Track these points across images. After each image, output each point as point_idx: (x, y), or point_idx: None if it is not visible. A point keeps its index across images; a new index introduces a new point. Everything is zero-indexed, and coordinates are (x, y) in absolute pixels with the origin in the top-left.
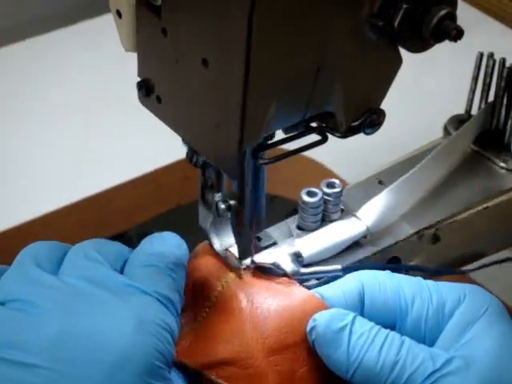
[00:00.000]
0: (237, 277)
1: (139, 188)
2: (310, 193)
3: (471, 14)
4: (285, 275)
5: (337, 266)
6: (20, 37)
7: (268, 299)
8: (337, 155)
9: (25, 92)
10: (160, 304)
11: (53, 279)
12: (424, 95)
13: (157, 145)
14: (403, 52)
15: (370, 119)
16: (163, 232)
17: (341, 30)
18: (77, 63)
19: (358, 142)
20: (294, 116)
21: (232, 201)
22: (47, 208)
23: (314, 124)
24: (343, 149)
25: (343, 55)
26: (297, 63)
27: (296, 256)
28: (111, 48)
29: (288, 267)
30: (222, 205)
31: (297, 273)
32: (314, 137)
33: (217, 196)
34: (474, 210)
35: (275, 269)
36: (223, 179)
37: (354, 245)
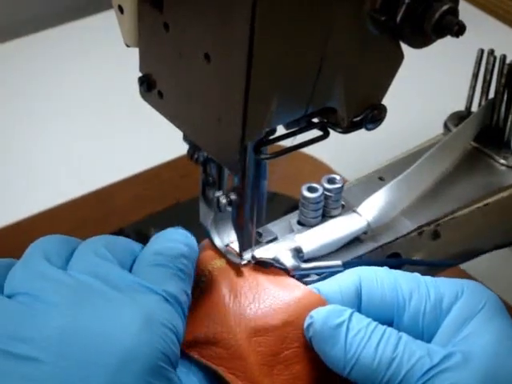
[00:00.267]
0: (225, 263)
1: (138, 185)
2: (311, 188)
3: (471, 12)
4: (285, 270)
5: (337, 262)
6: (20, 34)
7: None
8: (337, 152)
9: (26, 88)
10: (167, 304)
11: (61, 274)
12: (424, 92)
13: (156, 141)
14: (404, 49)
15: (372, 115)
16: (174, 228)
17: (343, 25)
18: (78, 59)
19: (358, 139)
20: (296, 111)
21: (233, 195)
22: (46, 205)
23: (316, 119)
24: (343, 146)
25: (345, 50)
26: (299, 58)
27: (296, 251)
28: (113, 44)
29: (288, 262)
30: (224, 199)
31: (297, 268)
32: (315, 133)
33: (217, 193)
34: (475, 207)
35: (275, 264)
36: (224, 176)
37: (355, 240)
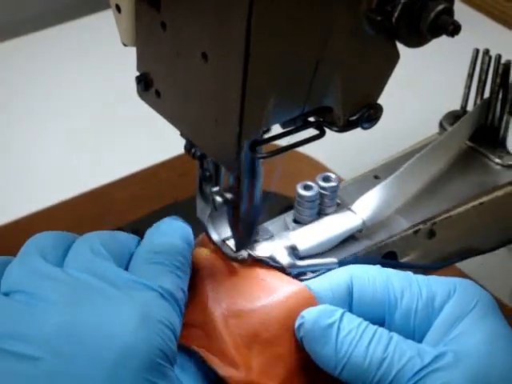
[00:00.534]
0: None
1: (136, 184)
2: (306, 186)
3: (466, 12)
4: (281, 268)
5: (333, 260)
6: (19, 33)
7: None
8: (333, 151)
9: (23, 88)
10: (164, 300)
11: (57, 271)
12: (420, 91)
13: (153, 141)
14: (399, 48)
15: (368, 114)
16: (171, 219)
17: (339, 25)
18: (75, 59)
19: (354, 138)
20: (293, 110)
21: (228, 194)
22: (44, 203)
23: (312, 119)
24: (339, 145)
25: (342, 50)
26: (296, 58)
27: (292, 249)
28: (110, 43)
29: (284, 260)
30: (219, 198)
31: (293, 266)
32: (311, 132)
33: (214, 189)
34: (470, 206)
35: (271, 262)
36: (221, 171)
37: (350, 238)
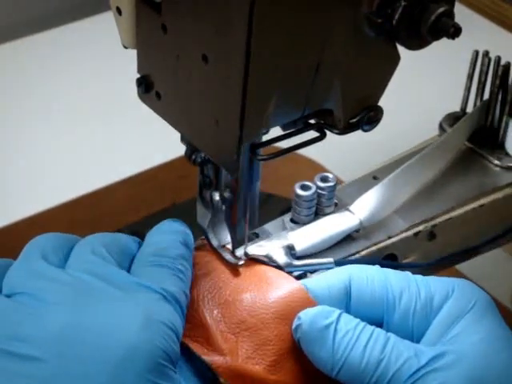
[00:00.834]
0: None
1: (135, 186)
2: (304, 186)
3: (466, 15)
4: (277, 267)
5: (329, 259)
6: (20, 35)
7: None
8: (332, 154)
9: (23, 90)
10: (166, 302)
11: (59, 273)
12: (420, 93)
13: (153, 143)
14: (400, 50)
15: (368, 116)
16: (171, 222)
17: (340, 28)
18: (75, 61)
19: (354, 141)
20: (294, 112)
21: (226, 193)
22: (43, 205)
23: (313, 121)
24: (338, 147)
25: (342, 53)
26: (296, 60)
27: (289, 249)
28: (110, 45)
29: (280, 259)
30: (217, 197)
31: (289, 265)
32: (312, 134)
33: (215, 195)
34: (470, 208)
35: (268, 261)
36: (221, 177)
37: (347, 238)
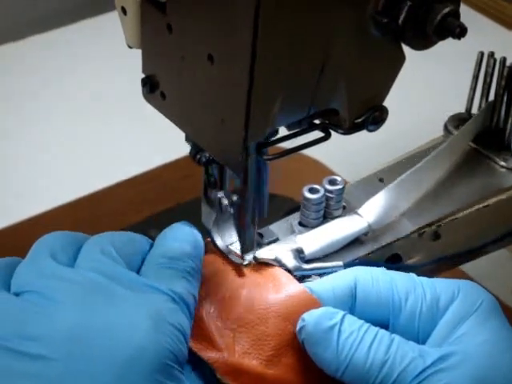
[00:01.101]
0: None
1: (139, 186)
2: (312, 189)
3: (471, 15)
4: (287, 271)
5: (339, 263)
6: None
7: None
8: (337, 154)
9: (25, 90)
10: (175, 304)
11: (68, 272)
12: (425, 94)
13: (156, 143)
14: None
15: (373, 116)
16: (181, 225)
17: (346, 27)
18: (79, 61)
19: (358, 141)
20: (299, 112)
21: (235, 196)
22: (47, 205)
23: (318, 121)
24: (343, 148)
25: (347, 53)
26: (302, 60)
27: (298, 252)
28: (115, 45)
29: (289, 263)
30: (225, 200)
31: (298, 269)
32: (317, 134)
33: (219, 194)
34: (475, 208)
35: (277, 265)
36: (226, 177)
37: (355, 242)
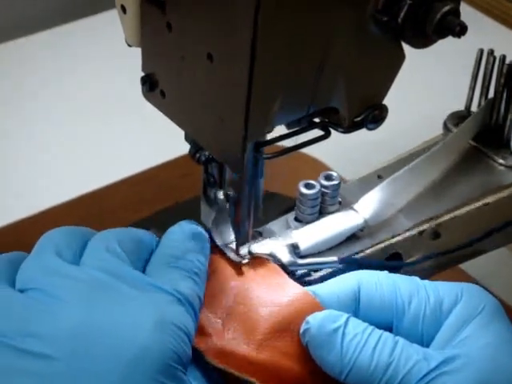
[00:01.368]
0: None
1: (138, 185)
2: (308, 185)
3: (471, 14)
4: (281, 266)
5: (333, 258)
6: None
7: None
8: (336, 153)
9: (25, 89)
10: (180, 305)
11: (73, 270)
12: (424, 91)
13: (155, 142)
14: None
15: (373, 115)
16: (188, 223)
17: (345, 26)
18: (78, 59)
19: (358, 140)
20: (298, 111)
21: (230, 191)
22: (45, 205)
23: (317, 119)
24: (342, 146)
25: (347, 51)
26: (302, 59)
27: (293, 247)
28: (115, 43)
29: (284, 258)
30: (221, 195)
31: (293, 264)
32: (316, 133)
33: (219, 193)
34: (475, 207)
35: (272, 259)
36: (225, 176)
37: (351, 237)
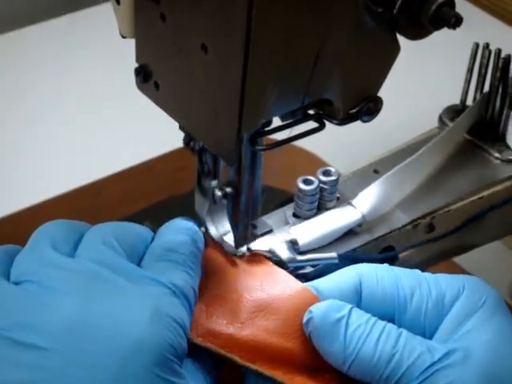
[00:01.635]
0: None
1: (133, 178)
2: (307, 181)
3: (466, 8)
4: (280, 262)
5: (332, 254)
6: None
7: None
8: (331, 146)
9: (19, 83)
10: (175, 297)
11: (69, 262)
12: (419, 85)
13: (150, 135)
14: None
15: (368, 107)
16: (182, 219)
17: (340, 17)
18: (72, 52)
19: (353, 133)
20: (293, 103)
21: (228, 188)
22: (40, 197)
23: (312, 111)
24: (338, 140)
25: (342, 42)
26: (296, 50)
27: (292, 243)
28: (108, 35)
29: (283, 254)
30: (219, 192)
31: (292, 260)
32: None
33: (213, 183)
34: (469, 200)
35: (271, 256)
36: (220, 165)
37: (349, 233)
